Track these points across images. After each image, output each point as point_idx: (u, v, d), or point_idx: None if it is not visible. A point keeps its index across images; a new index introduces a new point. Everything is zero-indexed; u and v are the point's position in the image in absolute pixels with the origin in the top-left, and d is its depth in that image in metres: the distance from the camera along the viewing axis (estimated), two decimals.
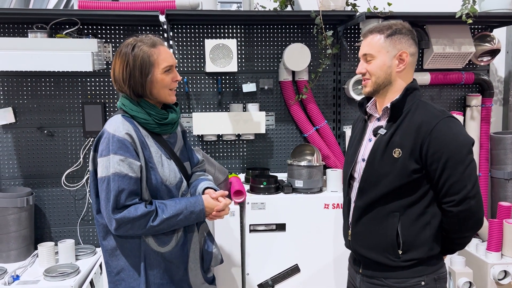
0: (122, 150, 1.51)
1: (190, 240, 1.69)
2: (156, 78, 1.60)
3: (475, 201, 1.54)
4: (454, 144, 1.52)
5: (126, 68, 1.58)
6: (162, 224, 1.54)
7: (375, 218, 1.64)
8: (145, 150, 1.58)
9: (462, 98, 3.01)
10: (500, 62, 3.15)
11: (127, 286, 1.61)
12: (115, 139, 1.52)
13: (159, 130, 1.65)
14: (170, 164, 1.65)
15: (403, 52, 1.60)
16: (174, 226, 1.59)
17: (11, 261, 2.49)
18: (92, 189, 1.62)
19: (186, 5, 2.47)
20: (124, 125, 1.55)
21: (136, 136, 1.57)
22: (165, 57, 1.61)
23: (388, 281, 1.63)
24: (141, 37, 1.63)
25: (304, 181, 2.41)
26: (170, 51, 1.69)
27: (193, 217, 1.61)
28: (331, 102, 2.91)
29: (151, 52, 1.59)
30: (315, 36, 2.80)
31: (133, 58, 1.57)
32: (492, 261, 2.53)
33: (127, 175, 1.51)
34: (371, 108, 1.74)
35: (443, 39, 2.77)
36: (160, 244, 1.61)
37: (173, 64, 1.65)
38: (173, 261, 1.64)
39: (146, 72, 1.57)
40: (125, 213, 1.50)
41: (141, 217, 1.50)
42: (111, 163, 1.50)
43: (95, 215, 1.64)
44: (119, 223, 1.50)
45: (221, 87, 2.80)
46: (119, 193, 1.49)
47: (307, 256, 2.40)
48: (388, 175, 1.58)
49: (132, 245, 1.60)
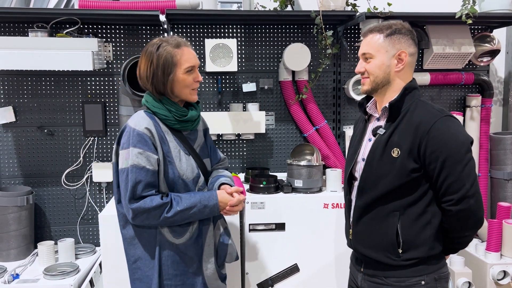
0: (141, 143, 1.60)
1: (205, 234, 1.75)
2: (178, 78, 1.66)
3: (474, 200, 1.53)
4: (452, 143, 1.52)
5: (150, 66, 1.65)
6: (176, 215, 1.61)
7: (375, 217, 1.64)
8: (164, 145, 1.66)
9: (462, 98, 3.01)
10: (500, 63, 3.15)
11: (142, 275, 1.69)
12: (135, 133, 1.61)
13: (179, 127, 1.72)
14: (188, 160, 1.71)
15: (402, 52, 1.60)
16: (188, 218, 1.65)
17: (11, 260, 2.50)
18: (114, 180, 1.71)
19: (186, 4, 2.47)
20: (145, 120, 1.64)
21: (156, 131, 1.64)
22: (187, 58, 1.67)
23: (388, 280, 1.63)
24: (167, 38, 1.70)
25: (303, 181, 2.41)
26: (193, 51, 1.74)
27: (206, 211, 1.68)
28: (331, 102, 2.92)
29: (175, 52, 1.65)
30: (315, 36, 2.80)
31: (157, 57, 1.64)
32: (492, 261, 2.54)
33: (145, 167, 1.59)
34: (371, 108, 1.74)
35: (443, 39, 2.77)
36: (175, 235, 1.67)
37: (195, 65, 1.71)
38: (187, 253, 1.70)
39: (168, 72, 1.64)
40: (141, 203, 1.58)
41: (156, 208, 1.58)
42: (130, 156, 1.59)
43: (116, 204, 1.72)
44: (135, 212, 1.58)
45: (221, 87, 2.81)
46: (136, 184, 1.58)
47: (306, 255, 2.40)
48: (387, 174, 1.59)
49: (149, 235, 1.67)
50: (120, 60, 2.72)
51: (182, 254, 1.69)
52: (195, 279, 1.72)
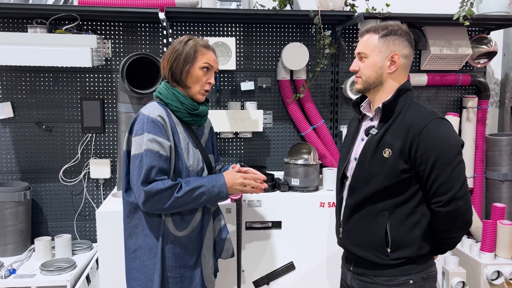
0: (155, 130, 1.65)
1: (206, 228, 1.79)
2: (193, 71, 1.74)
3: (463, 202, 1.54)
4: (442, 145, 1.53)
5: (175, 52, 1.74)
6: (186, 195, 1.64)
7: (365, 216, 1.66)
8: (174, 135, 1.72)
9: (458, 99, 3.03)
10: (497, 64, 3.17)
11: (141, 264, 1.72)
12: (149, 120, 1.66)
13: (190, 120, 1.78)
14: (195, 153, 1.77)
15: (395, 54, 1.61)
16: (198, 199, 1.67)
17: (8, 255, 2.51)
18: (123, 168, 1.74)
19: (186, 3, 2.48)
20: (158, 109, 1.70)
21: (168, 121, 1.71)
22: (208, 58, 1.76)
23: (377, 279, 1.64)
24: (200, 38, 1.80)
25: (300, 180, 2.43)
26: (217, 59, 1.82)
27: (215, 191, 1.71)
28: (328, 101, 2.93)
29: (200, 49, 1.75)
30: (313, 36, 2.81)
31: (184, 46, 1.74)
32: (486, 262, 2.55)
33: (158, 152, 1.64)
34: (365, 108, 1.75)
35: (441, 40, 2.78)
36: (178, 228, 1.71)
37: (213, 67, 1.78)
38: (188, 246, 1.74)
39: (188, 61, 1.72)
40: (154, 185, 1.61)
41: (167, 189, 1.62)
42: (144, 141, 1.64)
43: (123, 193, 1.76)
44: (147, 195, 1.61)
45: (219, 85, 2.82)
46: (151, 168, 1.62)
47: (302, 253, 2.42)
48: (378, 174, 1.60)
49: (152, 226, 1.71)
50: (119, 57, 2.73)
51: (184, 246, 1.73)
52: (194, 272, 1.75)
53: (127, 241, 1.77)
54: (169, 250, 1.71)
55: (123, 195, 1.76)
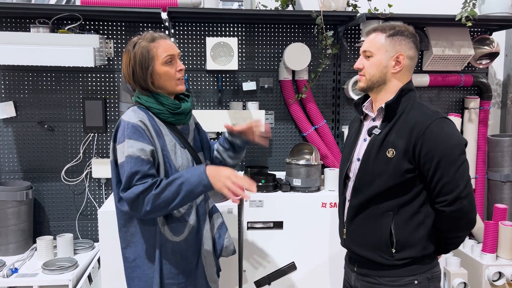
0: (136, 135, 1.60)
1: (203, 229, 1.76)
2: (158, 71, 1.66)
3: (467, 201, 1.55)
4: (446, 145, 1.53)
5: (129, 64, 1.67)
6: (165, 190, 1.54)
7: (369, 217, 1.66)
8: (159, 138, 1.66)
9: (460, 100, 3.03)
10: (499, 65, 3.17)
11: (141, 273, 1.69)
12: (129, 125, 1.61)
13: (173, 120, 1.72)
14: (183, 153, 1.72)
15: (400, 54, 1.62)
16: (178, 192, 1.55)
17: (10, 254, 2.51)
18: (113, 178, 1.69)
19: (188, 3, 2.48)
20: (138, 114, 1.65)
21: (150, 125, 1.65)
22: (164, 49, 1.66)
23: (382, 279, 1.64)
24: (143, 34, 1.69)
25: (302, 180, 2.43)
26: (171, 42, 1.72)
27: (193, 179, 1.56)
28: (330, 102, 2.93)
29: (150, 46, 1.65)
30: (315, 36, 2.82)
31: (134, 54, 1.65)
32: (487, 262, 2.55)
33: (139, 157, 1.58)
34: (367, 108, 1.75)
35: (443, 41, 2.78)
36: (175, 233, 1.68)
37: (174, 54, 1.69)
38: (188, 249, 1.71)
39: (146, 66, 1.64)
40: (132, 189, 1.55)
41: (146, 189, 1.54)
42: (125, 147, 1.59)
43: (116, 203, 1.70)
44: (128, 200, 1.56)
45: (221, 85, 2.82)
46: (132, 174, 1.56)
47: (304, 254, 2.42)
48: (382, 174, 1.60)
49: (149, 234, 1.67)
50: (121, 57, 2.72)
51: (183, 251, 1.70)
52: (196, 274, 1.74)
53: (125, 251, 1.73)
54: (168, 257, 1.67)
55: (116, 205, 1.70)
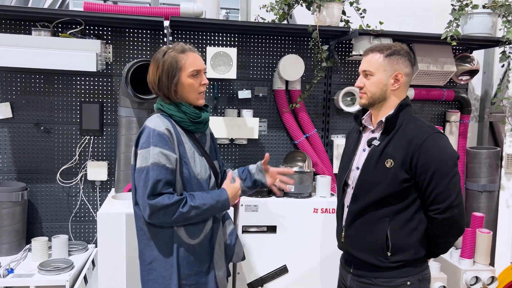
0: (161, 143, 1.66)
1: (216, 233, 1.83)
2: (183, 82, 1.73)
3: (458, 210, 1.68)
4: (441, 158, 1.67)
5: (156, 72, 1.73)
6: (191, 211, 1.66)
7: (367, 222, 1.77)
8: (180, 146, 1.73)
9: (442, 113, 3.21)
10: (478, 82, 3.36)
11: (158, 275, 1.73)
12: (155, 133, 1.67)
13: (193, 128, 1.79)
14: (202, 161, 1.79)
15: (399, 73, 1.75)
16: (202, 214, 1.70)
17: (3, 255, 2.51)
18: (132, 182, 1.74)
19: (191, 13, 2.55)
20: (164, 122, 1.71)
21: (174, 133, 1.72)
22: (192, 62, 1.74)
23: (377, 280, 1.76)
24: (174, 45, 1.76)
25: (295, 186, 2.53)
26: (199, 56, 1.80)
27: (219, 206, 1.74)
28: (321, 111, 3.05)
29: (179, 57, 1.72)
30: (309, 49, 2.94)
31: (163, 62, 1.72)
32: (465, 268, 2.71)
33: (165, 165, 1.65)
34: (366, 120, 1.88)
35: (428, 57, 2.94)
36: (190, 236, 1.74)
37: (201, 69, 1.77)
38: (202, 253, 1.77)
39: (172, 75, 1.71)
40: (159, 199, 1.63)
41: (173, 204, 1.63)
42: (151, 154, 1.64)
43: (134, 206, 1.76)
44: (153, 209, 1.63)
45: (217, 93, 2.90)
46: (157, 182, 1.63)
47: (295, 257, 2.51)
48: (380, 183, 1.72)
49: (165, 236, 1.72)
50: (119, 62, 2.78)
51: (197, 254, 1.76)
52: (207, 278, 1.79)
53: (142, 253, 1.78)
54: (184, 259, 1.73)
55: (134, 208, 1.77)
